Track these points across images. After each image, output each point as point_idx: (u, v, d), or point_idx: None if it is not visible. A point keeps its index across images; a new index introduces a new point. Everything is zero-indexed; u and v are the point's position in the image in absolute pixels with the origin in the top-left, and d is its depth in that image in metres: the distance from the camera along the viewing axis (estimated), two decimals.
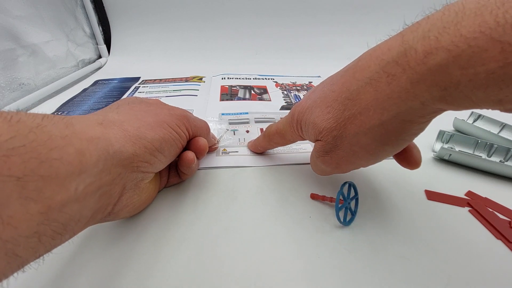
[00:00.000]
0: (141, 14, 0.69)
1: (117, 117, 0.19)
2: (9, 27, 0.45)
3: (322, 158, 0.22)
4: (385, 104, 0.16)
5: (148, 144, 0.20)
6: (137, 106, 0.22)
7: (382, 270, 0.20)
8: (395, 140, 0.18)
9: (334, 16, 0.70)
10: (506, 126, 0.36)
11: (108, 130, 0.18)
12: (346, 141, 0.19)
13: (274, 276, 0.19)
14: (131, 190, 0.20)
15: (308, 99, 0.23)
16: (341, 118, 0.19)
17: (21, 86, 0.47)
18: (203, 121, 0.28)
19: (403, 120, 0.16)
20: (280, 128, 0.27)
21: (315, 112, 0.21)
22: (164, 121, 0.22)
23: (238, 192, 0.27)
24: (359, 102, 0.17)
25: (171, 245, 0.21)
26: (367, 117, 0.17)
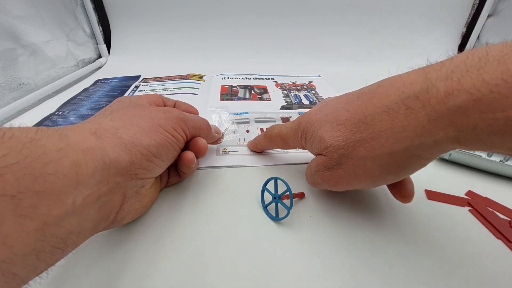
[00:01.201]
0: (141, 13, 0.69)
1: (111, 124, 0.19)
2: (9, 26, 0.45)
3: (322, 173, 0.22)
4: (399, 135, 0.16)
5: (144, 151, 0.19)
6: (132, 111, 0.21)
7: (382, 269, 0.20)
8: (399, 171, 0.18)
9: (334, 16, 0.70)
10: None
11: (103, 139, 0.17)
12: (351, 162, 0.19)
13: (274, 276, 0.19)
14: (132, 197, 0.20)
15: (318, 112, 0.22)
16: (351, 139, 0.19)
17: (21, 86, 0.47)
18: (202, 120, 0.27)
19: (412, 154, 0.17)
20: (283, 132, 0.27)
21: (324, 126, 0.21)
22: (160, 125, 0.21)
23: (238, 192, 0.27)
24: (373, 127, 0.18)
25: (171, 245, 0.21)
26: (378, 144, 0.17)
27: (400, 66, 0.75)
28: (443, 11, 0.69)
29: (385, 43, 0.72)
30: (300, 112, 0.44)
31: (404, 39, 0.72)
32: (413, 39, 0.72)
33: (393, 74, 0.19)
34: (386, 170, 0.18)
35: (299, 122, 0.24)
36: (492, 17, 0.66)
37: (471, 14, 0.69)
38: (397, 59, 0.71)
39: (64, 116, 0.42)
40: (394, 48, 0.72)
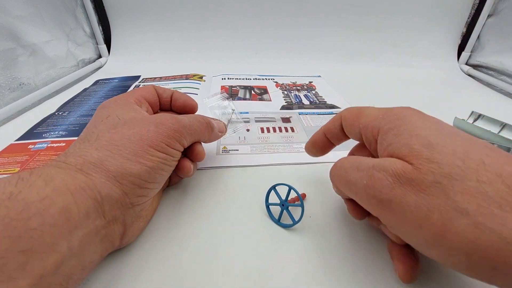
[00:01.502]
0: (141, 13, 0.69)
1: (96, 156, 0.17)
2: (9, 26, 0.45)
3: (385, 185, 0.15)
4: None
5: (135, 180, 0.18)
6: (119, 132, 0.19)
7: (382, 269, 0.20)
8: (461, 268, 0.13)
9: (334, 16, 0.70)
10: (506, 126, 0.36)
11: (90, 176, 0.16)
12: (444, 200, 0.13)
13: (274, 276, 0.19)
14: (134, 221, 0.20)
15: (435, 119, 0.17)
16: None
17: (21, 86, 0.46)
18: (201, 122, 0.25)
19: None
20: (363, 109, 0.20)
21: (442, 135, 0.15)
22: (151, 145, 0.19)
23: (238, 191, 0.27)
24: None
25: (171, 245, 0.21)
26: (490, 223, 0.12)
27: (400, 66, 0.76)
28: (443, 11, 0.69)
29: (385, 43, 0.72)
30: (300, 112, 0.44)
31: (404, 39, 0.72)
32: (413, 39, 0.72)
33: (392, 74, 0.18)
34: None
35: (402, 108, 0.18)
36: (492, 17, 0.66)
37: (471, 14, 0.69)
38: (397, 59, 0.71)
39: (64, 116, 0.42)
40: (394, 48, 0.72)
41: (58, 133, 0.37)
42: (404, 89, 0.57)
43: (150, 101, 0.26)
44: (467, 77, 0.67)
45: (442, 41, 0.72)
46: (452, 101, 0.52)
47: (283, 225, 0.23)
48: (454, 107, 0.48)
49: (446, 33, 0.72)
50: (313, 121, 0.41)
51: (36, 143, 0.35)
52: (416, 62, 0.71)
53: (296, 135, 0.37)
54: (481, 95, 0.56)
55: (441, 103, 0.51)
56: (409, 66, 0.69)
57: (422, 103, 0.50)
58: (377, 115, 0.18)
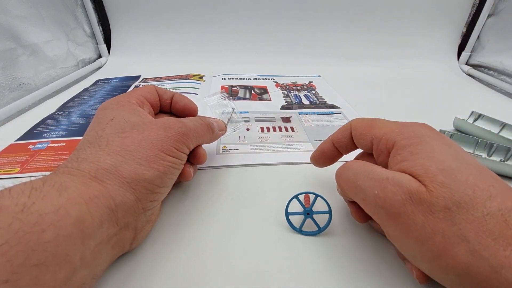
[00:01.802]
0: (141, 13, 0.69)
1: (109, 161, 0.17)
2: (9, 26, 0.45)
3: (397, 201, 0.15)
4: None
5: (149, 185, 0.18)
6: (129, 137, 0.19)
7: (383, 269, 0.20)
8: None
9: (334, 16, 0.70)
10: (507, 125, 0.36)
11: (105, 183, 0.16)
12: (450, 226, 0.14)
13: (275, 276, 0.19)
14: (144, 225, 0.20)
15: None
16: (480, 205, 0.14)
17: (21, 86, 0.46)
18: (204, 124, 0.25)
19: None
20: (378, 122, 0.20)
21: (457, 161, 0.15)
22: (162, 149, 0.19)
23: (238, 191, 0.27)
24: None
25: (171, 245, 0.21)
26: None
27: (400, 66, 0.76)
28: (443, 11, 0.69)
29: (385, 43, 0.72)
30: (300, 112, 0.44)
31: (404, 39, 0.72)
32: (413, 39, 0.72)
33: (392, 74, 0.18)
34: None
35: (418, 125, 0.19)
36: (492, 17, 0.66)
37: (471, 14, 0.69)
38: (397, 59, 0.71)
39: (64, 116, 0.42)
40: (394, 48, 0.72)
41: (58, 133, 0.37)
42: (404, 89, 0.57)
43: (151, 101, 0.25)
44: (467, 77, 0.67)
45: (442, 41, 0.72)
46: (452, 101, 0.52)
47: (306, 233, 0.22)
48: (454, 107, 0.48)
49: (446, 33, 0.72)
50: (313, 121, 0.41)
51: (36, 143, 0.35)
52: (416, 62, 0.71)
53: (296, 135, 0.37)
54: (481, 95, 0.56)
55: (441, 103, 0.51)
56: (409, 66, 0.69)
57: (422, 103, 0.50)
58: (393, 128, 0.19)
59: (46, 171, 0.29)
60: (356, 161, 0.20)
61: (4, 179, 0.28)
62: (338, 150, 0.24)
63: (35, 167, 0.30)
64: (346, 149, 0.23)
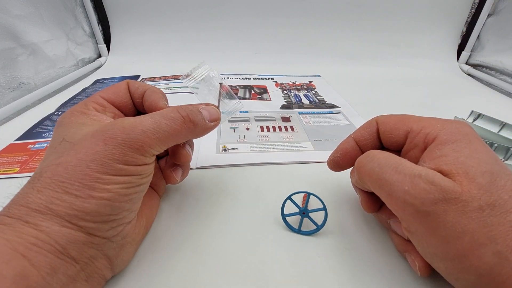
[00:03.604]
0: (141, 13, 0.69)
1: (39, 200, 0.14)
2: (8, 26, 0.44)
3: (428, 198, 0.14)
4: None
5: (96, 218, 0.15)
6: (63, 162, 0.15)
7: (382, 269, 0.20)
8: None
9: (334, 16, 0.70)
10: (506, 125, 0.36)
11: (40, 227, 0.14)
12: (475, 226, 0.14)
13: (275, 276, 0.19)
14: (119, 251, 0.17)
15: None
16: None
17: (21, 86, 0.46)
18: (174, 117, 0.19)
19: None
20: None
21: (484, 156, 0.15)
22: (102, 170, 0.15)
23: (238, 191, 0.27)
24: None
25: (171, 245, 0.21)
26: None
27: (400, 66, 0.76)
28: (443, 11, 0.69)
29: (385, 43, 0.72)
30: (300, 111, 0.44)
31: (404, 39, 0.72)
32: (413, 39, 0.72)
33: (392, 74, 0.17)
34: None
35: (460, 122, 0.18)
36: (492, 17, 0.66)
37: (471, 13, 0.69)
38: (397, 59, 0.71)
39: None
40: (394, 48, 0.72)
41: None
42: (404, 88, 0.57)
43: (117, 103, 0.22)
44: (467, 77, 0.67)
45: (442, 41, 0.72)
46: (452, 100, 0.52)
47: (304, 233, 0.22)
48: (454, 106, 0.48)
49: (446, 33, 0.72)
50: (313, 121, 0.41)
51: (36, 143, 0.35)
52: (416, 62, 0.70)
53: (296, 134, 0.37)
54: (481, 94, 0.56)
55: (441, 103, 0.51)
56: (409, 66, 0.69)
57: (422, 103, 0.50)
58: (433, 123, 0.18)
59: None
60: (381, 151, 0.19)
61: (3, 179, 0.28)
62: (361, 150, 0.22)
63: (34, 167, 0.30)
64: (371, 147, 0.22)
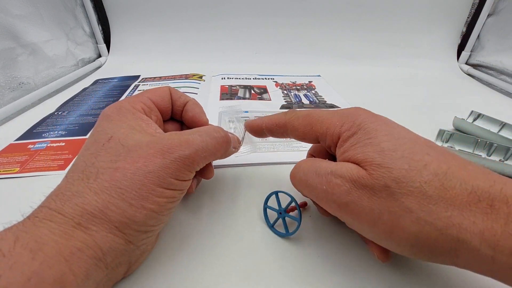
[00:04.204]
0: (141, 13, 0.69)
1: (95, 203, 0.15)
2: (8, 26, 0.44)
3: (343, 189, 0.16)
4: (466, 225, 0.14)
5: (140, 228, 0.16)
6: (121, 168, 0.16)
7: (382, 269, 0.20)
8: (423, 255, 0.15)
9: (334, 16, 0.70)
10: (506, 125, 0.36)
11: (90, 231, 0.15)
12: (391, 203, 0.15)
13: (275, 276, 0.19)
14: (139, 257, 0.19)
15: (387, 121, 0.18)
16: (415, 179, 0.15)
17: (21, 85, 0.46)
18: (217, 137, 0.20)
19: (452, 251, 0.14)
20: (318, 113, 0.20)
21: (392, 140, 0.16)
22: (158, 183, 0.16)
23: (238, 191, 0.27)
24: (447, 193, 0.14)
25: (171, 245, 0.21)
26: (437, 213, 0.14)
27: (400, 66, 0.76)
28: (443, 11, 0.69)
29: (385, 43, 0.72)
30: None
31: (404, 39, 0.72)
32: (413, 39, 0.72)
33: (392, 74, 0.18)
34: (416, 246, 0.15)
35: (355, 111, 0.19)
36: (492, 17, 0.66)
37: (471, 13, 0.69)
38: (397, 59, 0.71)
39: (64, 116, 0.42)
40: (394, 48, 0.72)
41: (58, 132, 0.37)
42: (403, 88, 0.57)
43: (160, 107, 0.23)
44: (467, 77, 0.67)
45: (442, 41, 0.72)
46: (452, 100, 0.52)
47: (276, 232, 0.22)
48: (454, 106, 0.48)
49: (446, 33, 0.72)
50: None
51: (36, 143, 0.35)
52: (416, 61, 0.70)
53: None
54: (481, 94, 0.56)
55: (441, 103, 0.51)
56: (409, 65, 0.69)
57: (422, 103, 0.50)
58: (333, 121, 0.19)
59: (45, 171, 0.29)
60: (305, 160, 0.21)
61: (3, 179, 0.28)
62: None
63: (34, 166, 0.30)
64: (284, 136, 0.23)
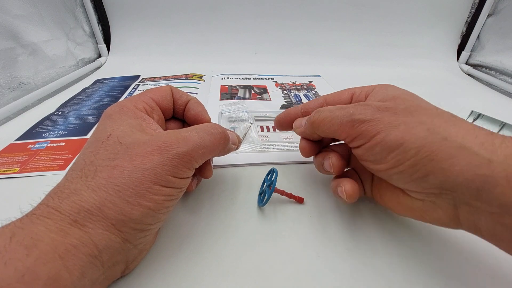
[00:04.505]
0: (141, 13, 0.69)
1: (93, 200, 0.15)
2: (8, 26, 0.44)
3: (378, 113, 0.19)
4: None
5: (137, 226, 0.16)
6: (119, 166, 0.16)
7: (382, 269, 0.20)
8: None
9: (334, 16, 0.70)
10: (506, 125, 0.36)
11: (86, 228, 0.14)
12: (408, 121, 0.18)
13: (274, 275, 0.19)
14: (137, 256, 0.18)
15: None
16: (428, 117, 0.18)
17: (21, 85, 0.46)
18: (215, 134, 0.20)
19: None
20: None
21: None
22: (155, 180, 0.16)
23: (238, 191, 0.27)
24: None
25: (171, 245, 0.21)
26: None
27: (400, 66, 0.75)
28: (443, 11, 0.69)
29: (385, 43, 0.72)
30: None
31: (404, 38, 0.72)
32: (413, 39, 0.72)
33: (392, 74, 0.20)
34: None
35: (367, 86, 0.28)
36: (492, 17, 0.66)
37: (471, 13, 0.69)
38: (397, 59, 0.71)
39: (64, 116, 0.42)
40: (394, 47, 0.72)
41: (58, 132, 0.37)
42: (404, 88, 0.57)
43: (162, 107, 0.23)
44: (467, 77, 0.67)
45: (442, 41, 0.72)
46: (452, 100, 0.52)
47: (258, 200, 0.25)
48: (454, 106, 0.48)
49: (446, 33, 0.72)
50: None
51: (36, 143, 0.35)
52: (416, 61, 0.70)
53: (296, 134, 0.37)
54: (481, 94, 0.56)
55: (441, 103, 0.50)
56: (409, 66, 0.69)
57: None
58: (370, 86, 0.28)
59: (45, 170, 0.29)
60: (326, 107, 0.23)
61: (3, 179, 0.28)
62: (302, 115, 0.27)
63: (34, 166, 0.30)
64: None
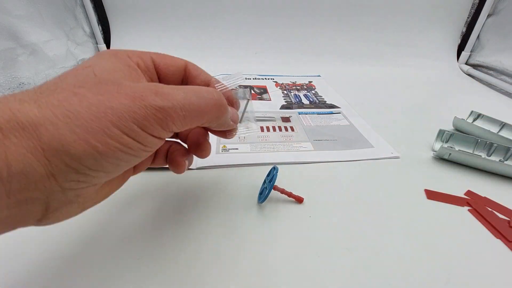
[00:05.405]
0: (141, 13, 0.69)
1: (32, 114, 0.12)
2: (9, 26, 0.44)
3: None
4: None
5: (72, 162, 0.13)
6: (80, 94, 0.14)
7: (382, 269, 0.20)
8: None
9: (334, 16, 0.70)
10: (506, 125, 0.36)
11: (7, 141, 0.12)
12: None
13: (274, 276, 0.19)
14: (63, 206, 0.15)
15: None
16: None
17: (21, 86, 0.46)
18: (207, 97, 0.17)
19: None
20: None
21: None
22: (116, 123, 0.14)
23: (238, 191, 0.27)
24: None
25: (171, 245, 0.21)
26: None
27: (400, 66, 0.76)
28: (443, 11, 0.69)
29: (385, 43, 0.72)
30: (300, 112, 0.44)
31: (404, 39, 0.72)
32: (413, 39, 0.72)
33: (392, 74, 0.19)
34: None
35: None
36: (492, 17, 0.66)
37: (471, 13, 0.69)
38: (397, 59, 0.71)
39: None
40: (394, 48, 0.72)
41: None
42: (403, 88, 0.57)
43: (162, 76, 0.21)
44: (467, 77, 0.67)
45: (442, 41, 0.72)
46: (452, 100, 0.52)
47: (258, 198, 0.26)
48: (454, 106, 0.48)
49: (446, 33, 0.72)
50: (313, 121, 0.41)
51: None
52: (416, 62, 0.71)
53: (295, 134, 0.37)
54: (480, 94, 0.56)
55: (441, 103, 0.51)
56: (409, 66, 0.69)
57: (422, 103, 0.50)
58: None
59: None
60: None
61: None
62: None
63: None
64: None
